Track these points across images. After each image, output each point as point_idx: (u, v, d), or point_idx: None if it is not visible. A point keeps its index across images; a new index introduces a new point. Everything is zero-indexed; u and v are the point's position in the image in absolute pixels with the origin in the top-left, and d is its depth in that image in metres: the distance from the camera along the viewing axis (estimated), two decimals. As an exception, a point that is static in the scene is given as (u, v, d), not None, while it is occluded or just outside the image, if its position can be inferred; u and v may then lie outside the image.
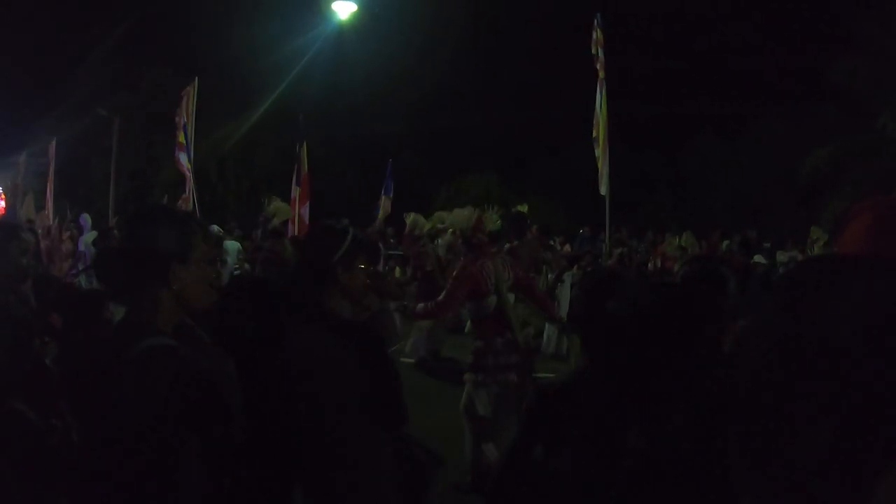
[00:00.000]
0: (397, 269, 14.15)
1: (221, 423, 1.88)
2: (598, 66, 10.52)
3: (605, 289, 2.51)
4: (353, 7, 21.59)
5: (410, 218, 10.37)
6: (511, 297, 5.72)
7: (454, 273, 5.76)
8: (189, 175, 11.37)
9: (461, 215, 5.97)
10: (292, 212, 10.65)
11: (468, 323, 6.37)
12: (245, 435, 1.98)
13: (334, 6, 21.82)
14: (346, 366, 2.64)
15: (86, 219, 13.36)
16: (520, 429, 2.73)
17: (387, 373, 2.78)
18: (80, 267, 10.45)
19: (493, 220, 6.26)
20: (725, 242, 16.65)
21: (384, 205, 14.12)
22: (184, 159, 11.51)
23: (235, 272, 11.57)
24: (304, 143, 11.21)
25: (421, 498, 2.96)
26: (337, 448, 2.61)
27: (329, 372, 2.61)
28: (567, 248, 16.65)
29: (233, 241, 13.96)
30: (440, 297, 5.69)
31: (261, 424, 2.14)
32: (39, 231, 13.02)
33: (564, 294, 9.17)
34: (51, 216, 18.68)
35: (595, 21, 10.61)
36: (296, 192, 10.85)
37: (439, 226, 10.06)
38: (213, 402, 1.88)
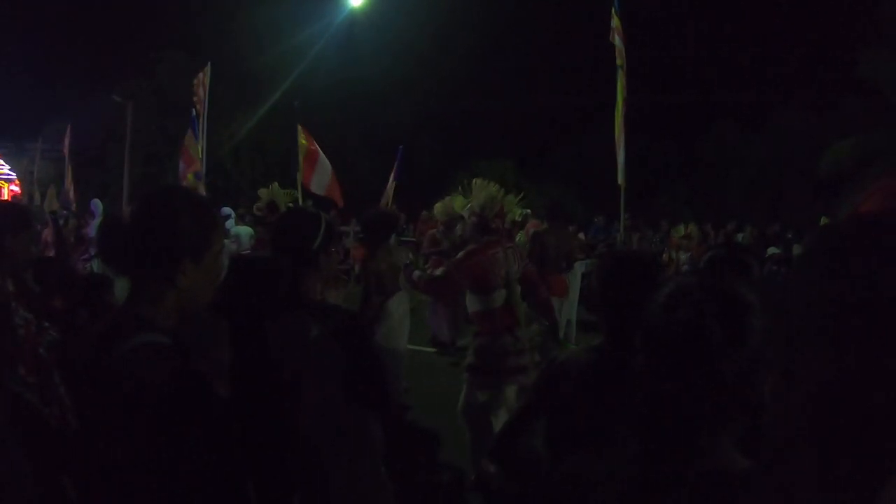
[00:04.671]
0: (410, 255, 14.04)
1: (212, 424, 1.78)
2: (616, 54, 10.39)
3: (623, 272, 2.47)
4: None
5: (442, 204, 9.98)
6: (518, 289, 5.22)
7: (459, 256, 5.22)
8: (200, 165, 11.33)
9: (485, 191, 5.42)
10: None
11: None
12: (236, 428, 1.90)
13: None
14: (327, 349, 2.61)
15: (97, 204, 13.34)
16: (526, 398, 2.70)
17: (368, 355, 2.77)
18: (92, 252, 10.41)
19: (515, 210, 5.80)
20: (740, 235, 16.53)
21: (389, 191, 13.95)
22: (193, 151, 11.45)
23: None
24: (300, 129, 11.07)
25: None
26: (322, 431, 2.58)
27: (311, 356, 2.58)
28: (581, 236, 16.55)
29: (245, 227, 13.94)
30: (437, 274, 5.23)
31: (246, 409, 2.05)
32: (62, 221, 13.06)
33: (574, 281, 9.04)
34: (73, 203, 18.78)
35: (613, 8, 10.45)
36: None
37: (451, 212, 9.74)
38: (206, 402, 1.79)
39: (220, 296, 2.34)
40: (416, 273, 5.40)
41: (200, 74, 12.00)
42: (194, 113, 11.61)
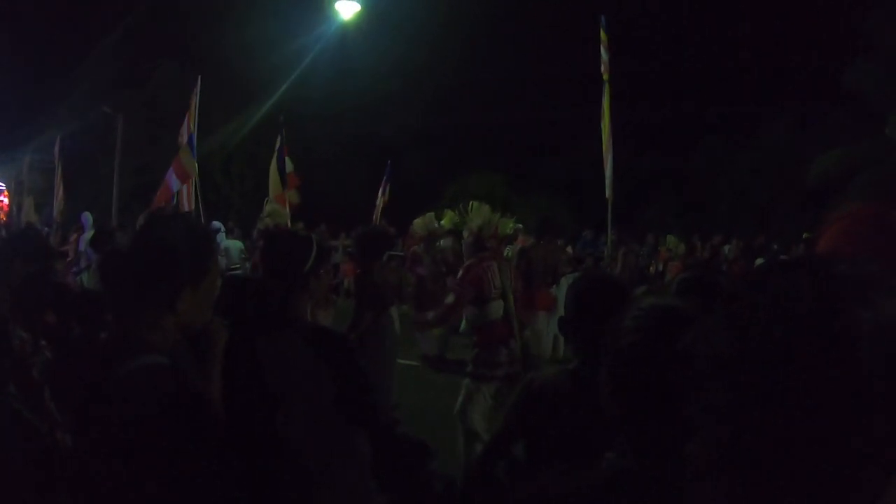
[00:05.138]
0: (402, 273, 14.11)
1: (211, 444, 1.84)
2: (602, 69, 10.49)
3: (596, 293, 2.53)
4: (357, 7, 21.56)
5: (422, 219, 10.02)
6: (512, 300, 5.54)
7: (460, 274, 5.59)
8: (193, 178, 11.39)
9: (481, 213, 5.78)
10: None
11: (463, 322, 6.21)
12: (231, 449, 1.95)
13: (337, 6, 21.81)
14: (315, 368, 2.68)
15: (87, 217, 13.35)
16: (503, 421, 2.79)
17: (355, 373, 2.82)
18: (83, 265, 10.41)
19: (507, 226, 6.12)
20: (727, 247, 16.65)
21: (378, 206, 14.10)
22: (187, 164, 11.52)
23: (235, 270, 11.59)
24: (283, 146, 11.28)
25: None
26: (310, 447, 2.63)
27: (299, 374, 2.65)
28: (569, 250, 16.66)
29: (235, 241, 14.01)
30: (449, 301, 5.56)
31: (235, 429, 2.11)
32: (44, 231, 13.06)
33: (562, 296, 9.12)
34: (58, 214, 18.76)
35: (600, 23, 10.58)
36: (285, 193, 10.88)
37: (434, 227, 9.76)
38: (204, 422, 1.84)
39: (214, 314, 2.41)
40: (430, 315, 5.70)
41: (194, 93, 12.10)
42: (193, 130, 11.71)
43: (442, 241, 9.68)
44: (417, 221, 10.09)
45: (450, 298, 5.56)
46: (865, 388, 0.69)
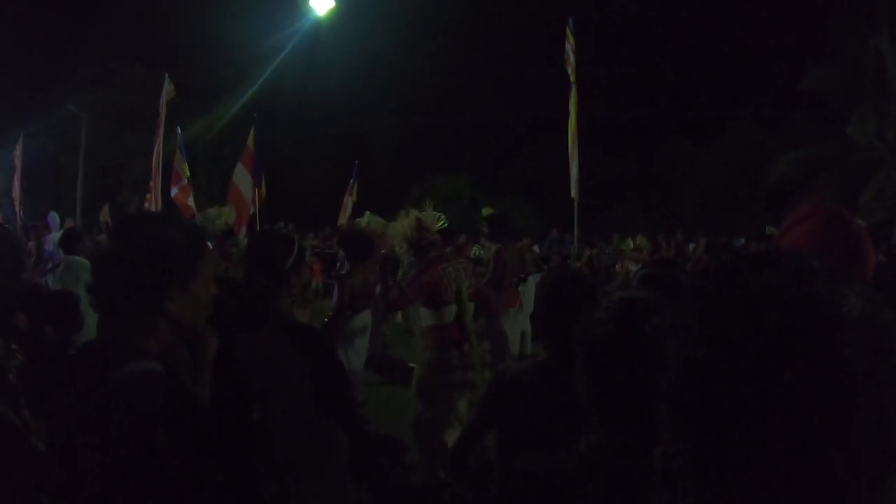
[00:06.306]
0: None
1: (208, 449, 1.84)
2: (569, 70, 10.61)
3: (566, 289, 2.64)
4: (331, 4, 21.49)
5: (366, 218, 9.78)
6: (471, 306, 5.23)
7: (412, 273, 5.29)
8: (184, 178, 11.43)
9: (399, 226, 5.35)
10: (246, 211, 10.75)
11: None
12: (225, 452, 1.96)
13: (311, 3, 21.71)
14: (295, 364, 2.75)
15: (53, 217, 13.19)
16: (477, 411, 2.88)
17: (333, 370, 2.90)
18: (49, 266, 10.30)
19: (434, 219, 5.59)
20: (692, 245, 16.88)
21: (346, 206, 14.10)
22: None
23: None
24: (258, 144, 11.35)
25: None
26: (290, 441, 2.69)
27: (279, 370, 2.72)
28: (536, 249, 16.80)
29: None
30: (394, 296, 5.16)
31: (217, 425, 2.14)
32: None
33: (528, 294, 9.20)
34: (19, 215, 18.46)
35: (567, 26, 10.69)
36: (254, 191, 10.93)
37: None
38: (201, 427, 1.85)
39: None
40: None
41: (165, 90, 12.09)
42: (179, 131, 11.77)
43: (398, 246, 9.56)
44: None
45: (396, 290, 5.17)
46: (851, 385, 0.66)
